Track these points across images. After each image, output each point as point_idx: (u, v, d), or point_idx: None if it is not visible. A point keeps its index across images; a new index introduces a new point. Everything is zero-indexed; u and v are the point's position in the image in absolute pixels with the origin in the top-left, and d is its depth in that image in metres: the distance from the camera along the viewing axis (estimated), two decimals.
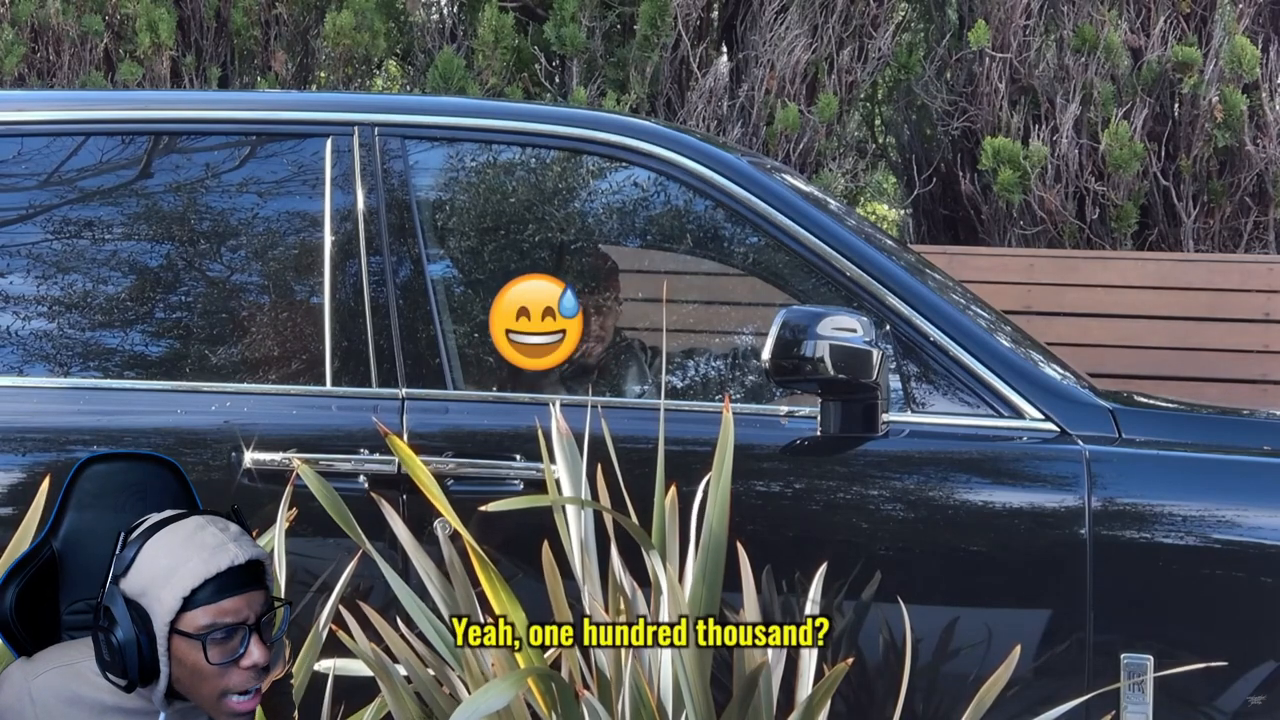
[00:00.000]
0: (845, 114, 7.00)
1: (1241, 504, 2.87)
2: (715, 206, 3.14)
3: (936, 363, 2.98)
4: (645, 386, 3.16)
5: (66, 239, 3.17)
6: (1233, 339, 5.98)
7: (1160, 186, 6.85)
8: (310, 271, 3.11)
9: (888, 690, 2.75)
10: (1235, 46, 6.59)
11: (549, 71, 6.90)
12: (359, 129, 3.15)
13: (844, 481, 2.93)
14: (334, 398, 3.01)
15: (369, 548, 2.60)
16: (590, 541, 2.57)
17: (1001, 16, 6.83)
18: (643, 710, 2.41)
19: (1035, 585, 2.85)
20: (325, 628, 2.70)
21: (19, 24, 6.69)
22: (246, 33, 7.01)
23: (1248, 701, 2.80)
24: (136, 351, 3.14)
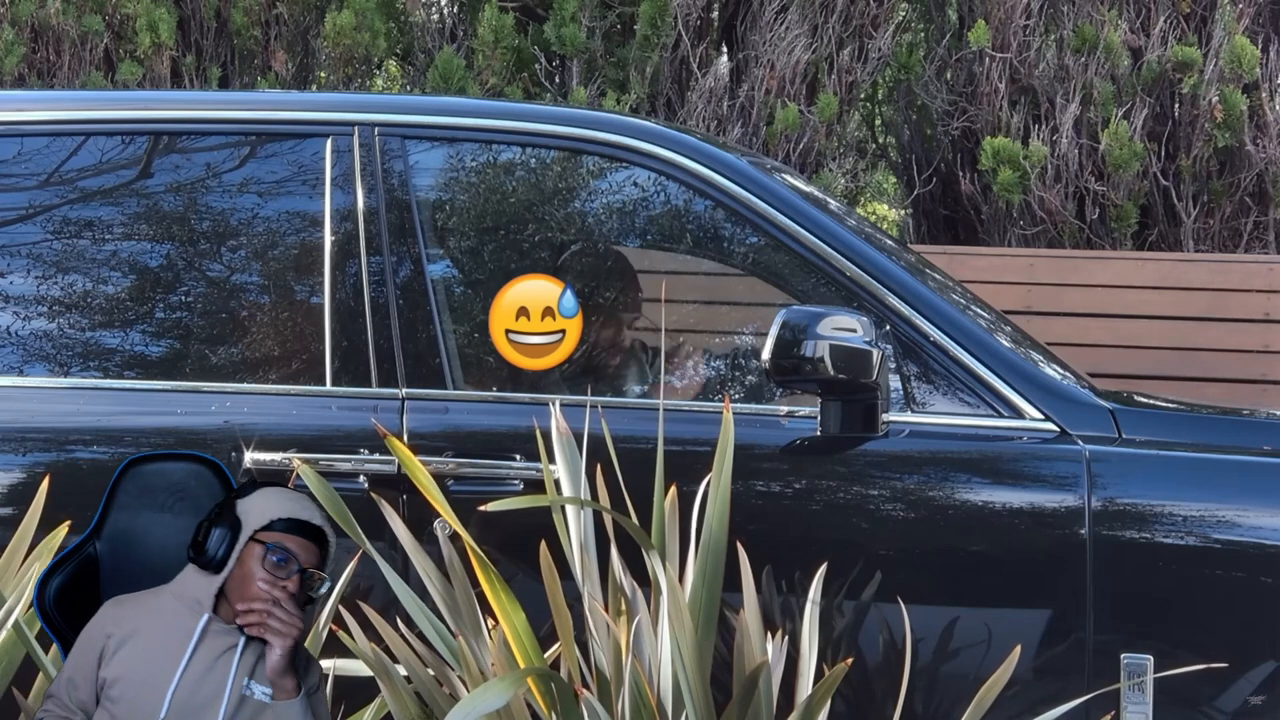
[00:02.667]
0: (845, 114, 7.00)
1: (1241, 504, 2.87)
2: (715, 206, 3.13)
3: (936, 363, 2.98)
4: (645, 386, 3.16)
5: (66, 239, 3.17)
6: (1233, 339, 5.98)
7: (1160, 186, 6.85)
8: (310, 271, 3.11)
9: (888, 690, 2.75)
10: (1235, 46, 6.59)
11: (549, 71, 6.90)
12: (359, 129, 3.15)
13: (844, 481, 2.93)
14: (334, 398, 3.01)
15: (369, 548, 2.60)
16: (590, 541, 2.58)
17: (1001, 16, 6.83)
18: (643, 710, 2.41)
19: (1035, 585, 2.85)
20: (325, 628, 2.70)
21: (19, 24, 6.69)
22: (247, 33, 7.01)
23: (1248, 701, 2.80)
24: (136, 351, 3.14)
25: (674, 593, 2.38)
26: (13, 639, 2.52)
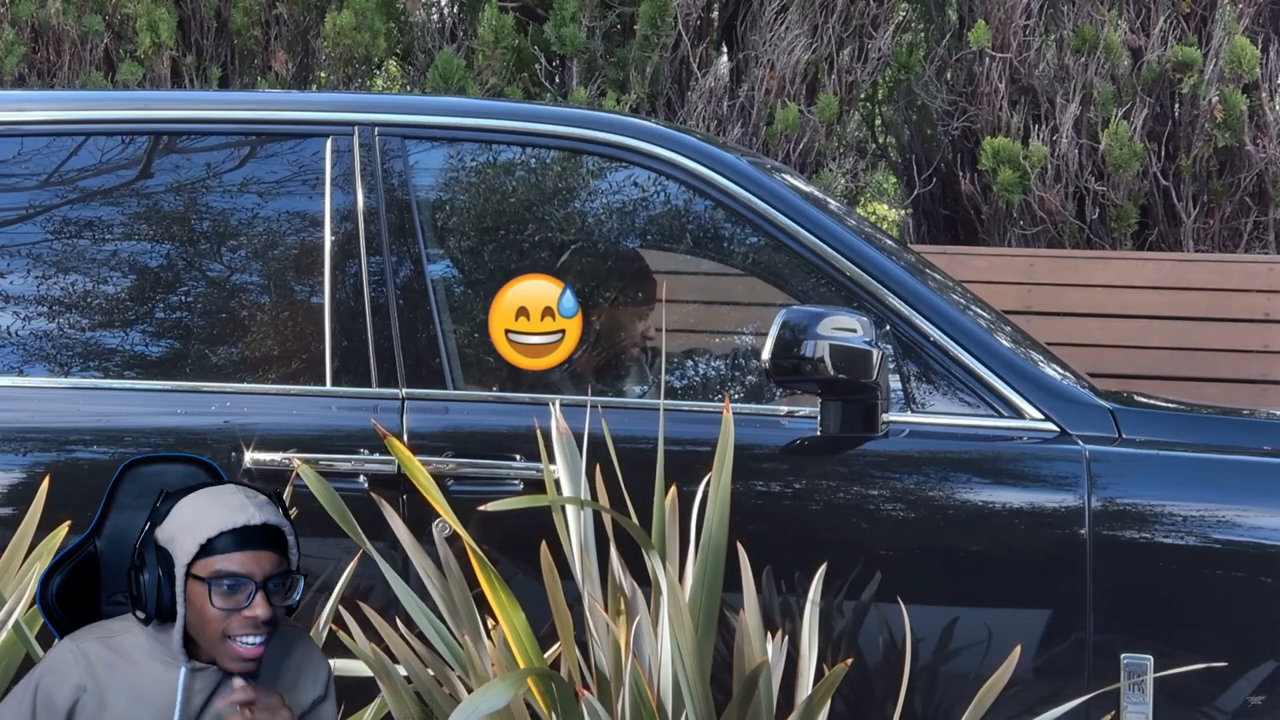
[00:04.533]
0: (845, 114, 7.00)
1: (1241, 504, 2.87)
2: (715, 206, 3.13)
3: (936, 363, 2.98)
4: (645, 387, 3.16)
5: (66, 239, 3.16)
6: (1233, 339, 5.98)
7: (1160, 186, 6.85)
8: (310, 271, 3.11)
9: (888, 690, 2.75)
10: (1235, 46, 6.59)
11: (549, 71, 6.90)
12: (359, 129, 3.15)
13: (844, 481, 2.93)
14: (334, 398, 3.01)
15: (369, 548, 2.60)
16: (590, 542, 2.57)
17: (1001, 16, 6.83)
18: (643, 710, 2.41)
19: (1035, 585, 2.85)
20: (325, 628, 2.70)
21: (19, 24, 6.69)
22: (247, 33, 7.01)
23: (1248, 701, 2.80)
24: (136, 351, 3.14)
25: (674, 593, 2.38)
26: (13, 639, 2.52)
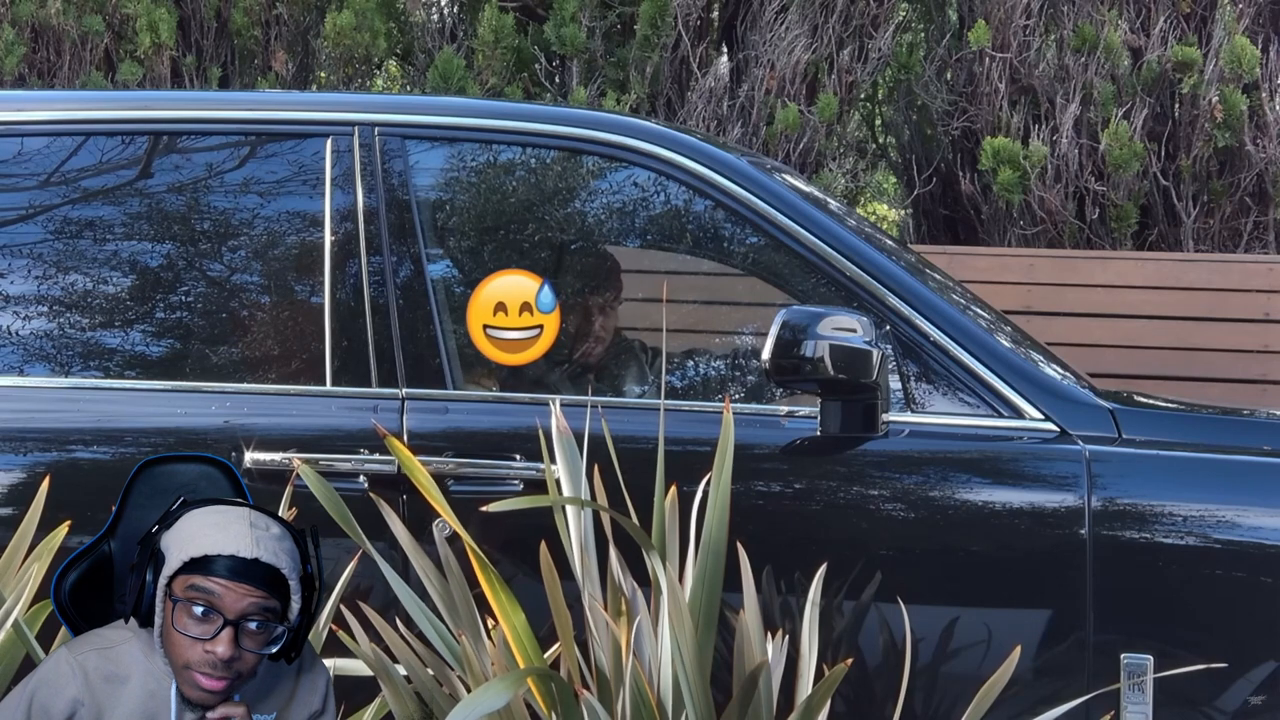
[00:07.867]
0: (845, 114, 7.00)
1: (1241, 504, 2.87)
2: (715, 206, 3.13)
3: (936, 363, 2.98)
4: (645, 386, 3.16)
5: (66, 239, 3.16)
6: (1233, 339, 5.98)
7: (1160, 186, 6.85)
8: (310, 271, 3.11)
9: (888, 690, 2.75)
10: (1235, 46, 6.59)
11: (549, 71, 6.90)
12: (359, 129, 3.15)
13: (844, 481, 2.93)
14: (334, 398, 3.01)
15: (369, 548, 2.60)
16: (590, 542, 2.57)
17: (1001, 16, 6.83)
18: (643, 710, 2.40)
19: (1035, 585, 2.85)
20: (325, 628, 2.70)
21: (19, 24, 6.69)
22: (247, 33, 7.01)
23: (1248, 701, 2.80)
24: (136, 351, 3.14)
25: (674, 593, 2.38)
26: (13, 639, 2.52)
